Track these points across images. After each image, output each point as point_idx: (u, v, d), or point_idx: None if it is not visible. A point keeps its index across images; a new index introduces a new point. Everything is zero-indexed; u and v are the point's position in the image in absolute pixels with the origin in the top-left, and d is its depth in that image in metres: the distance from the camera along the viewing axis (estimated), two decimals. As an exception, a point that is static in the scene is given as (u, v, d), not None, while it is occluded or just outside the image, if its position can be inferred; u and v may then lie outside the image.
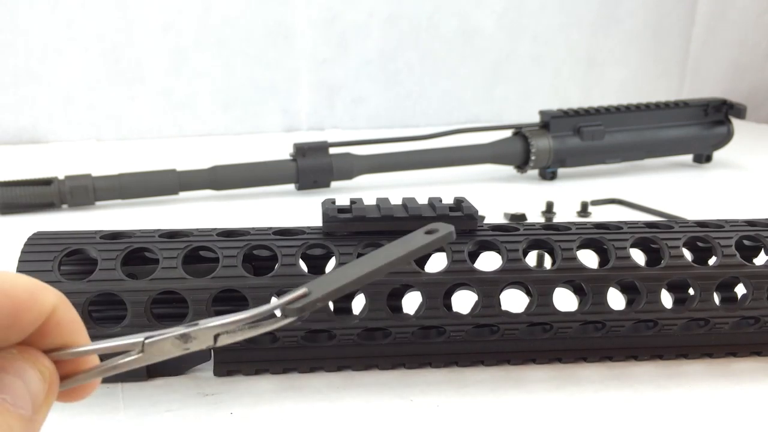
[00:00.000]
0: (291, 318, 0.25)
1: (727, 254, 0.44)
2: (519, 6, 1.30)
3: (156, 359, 0.25)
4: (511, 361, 0.45)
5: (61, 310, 0.24)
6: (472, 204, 0.44)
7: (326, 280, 0.26)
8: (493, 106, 1.34)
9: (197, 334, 0.25)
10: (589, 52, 1.37)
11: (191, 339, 0.25)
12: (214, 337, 0.25)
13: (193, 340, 0.25)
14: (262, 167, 0.85)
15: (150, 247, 0.41)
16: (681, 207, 0.79)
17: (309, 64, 1.24)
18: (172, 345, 0.25)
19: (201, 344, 0.25)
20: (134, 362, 0.25)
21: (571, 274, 0.42)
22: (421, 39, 1.28)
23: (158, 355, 0.25)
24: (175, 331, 0.25)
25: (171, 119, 1.19)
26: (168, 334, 0.25)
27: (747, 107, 0.98)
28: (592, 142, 0.93)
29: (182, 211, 0.80)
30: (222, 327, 0.25)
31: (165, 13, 1.15)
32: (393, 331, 0.42)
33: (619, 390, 0.43)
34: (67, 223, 0.72)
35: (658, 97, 1.11)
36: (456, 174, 0.93)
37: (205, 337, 0.25)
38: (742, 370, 0.46)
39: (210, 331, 0.25)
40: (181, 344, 0.25)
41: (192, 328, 0.25)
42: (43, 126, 1.14)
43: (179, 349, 0.25)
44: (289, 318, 0.25)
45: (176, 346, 0.25)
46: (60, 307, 0.24)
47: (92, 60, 1.13)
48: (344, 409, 0.40)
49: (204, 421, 0.39)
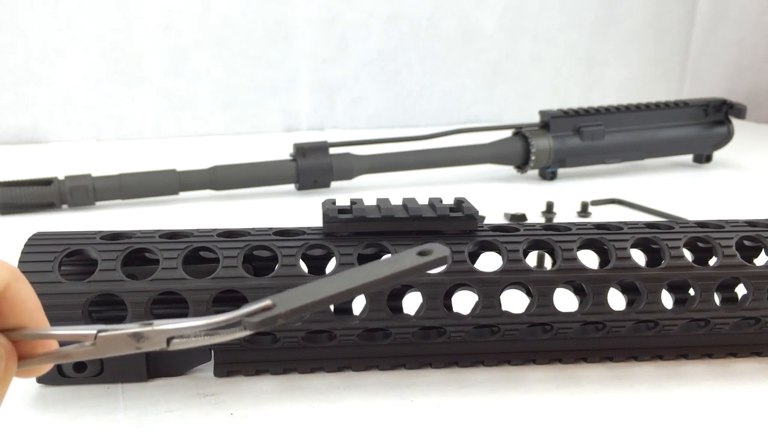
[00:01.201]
0: (249, 331, 0.25)
1: (727, 255, 0.44)
2: (519, 6, 1.30)
3: (108, 354, 0.25)
4: (511, 361, 0.45)
5: (14, 287, 0.24)
6: (472, 204, 0.44)
7: (297, 294, 0.25)
8: (493, 106, 1.34)
9: (150, 335, 0.25)
10: (589, 52, 1.37)
11: (144, 339, 0.25)
12: (167, 339, 0.25)
13: (146, 340, 0.25)
14: (262, 167, 0.85)
15: (150, 247, 0.41)
16: (681, 207, 0.79)
17: (309, 64, 1.24)
18: (124, 342, 0.25)
19: (153, 345, 0.25)
20: (86, 353, 0.25)
21: (571, 274, 0.42)
22: (421, 39, 1.28)
23: (110, 350, 0.25)
24: (128, 329, 0.25)
25: (171, 119, 1.19)
26: (121, 331, 0.25)
27: (747, 107, 0.99)
28: (592, 142, 0.93)
29: (182, 211, 0.80)
30: (176, 331, 0.25)
31: (165, 13, 1.15)
32: (393, 332, 0.42)
33: (619, 390, 0.43)
34: (67, 223, 0.72)
35: (658, 97, 1.11)
36: (456, 174, 0.93)
37: (158, 338, 0.25)
38: (743, 371, 0.46)
39: (163, 333, 0.25)
40: (133, 343, 0.25)
41: (146, 328, 0.25)
42: (43, 126, 1.14)
43: (131, 347, 0.25)
44: (248, 331, 0.25)
45: (128, 344, 0.25)
46: (12, 285, 0.24)
47: (92, 60, 1.13)
48: (344, 410, 0.40)
49: (204, 422, 0.39)
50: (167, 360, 0.43)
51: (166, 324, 0.25)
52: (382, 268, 0.26)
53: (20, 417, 0.39)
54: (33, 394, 0.41)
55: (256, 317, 0.24)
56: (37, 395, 0.41)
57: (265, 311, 0.25)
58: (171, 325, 0.25)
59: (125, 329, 0.25)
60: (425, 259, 0.25)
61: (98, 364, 0.42)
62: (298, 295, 0.25)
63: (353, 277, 0.25)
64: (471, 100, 1.33)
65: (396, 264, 0.26)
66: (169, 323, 0.25)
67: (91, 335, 0.25)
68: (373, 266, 0.26)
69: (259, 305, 0.25)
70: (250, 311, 0.25)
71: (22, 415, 0.39)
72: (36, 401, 0.41)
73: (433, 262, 0.26)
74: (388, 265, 0.26)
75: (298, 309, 0.25)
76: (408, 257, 0.26)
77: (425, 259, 0.25)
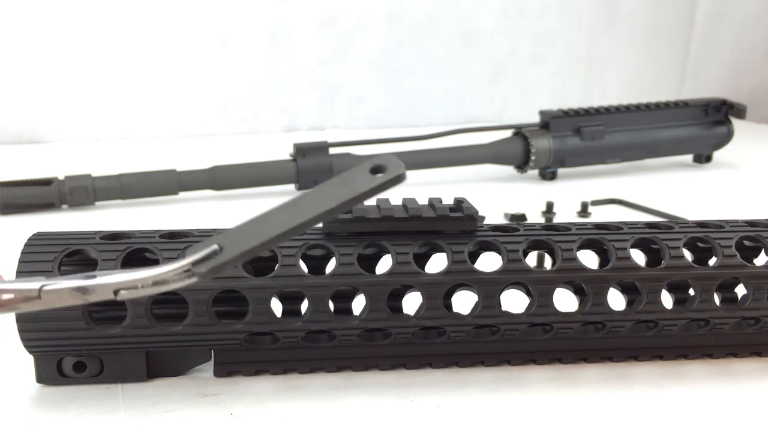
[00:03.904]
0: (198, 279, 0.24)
1: (727, 255, 0.44)
2: (519, 6, 1.31)
3: (54, 305, 0.25)
4: (511, 361, 0.45)
5: None
6: (472, 204, 0.44)
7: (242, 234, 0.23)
8: (493, 106, 1.34)
9: (96, 288, 0.25)
10: (589, 52, 1.37)
11: (89, 291, 0.25)
12: (113, 291, 0.25)
13: (92, 293, 0.25)
14: (262, 167, 0.85)
15: (150, 247, 0.41)
16: (681, 207, 0.79)
17: (309, 64, 1.24)
18: (69, 295, 0.25)
19: (100, 296, 0.25)
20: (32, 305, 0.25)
21: (571, 274, 0.42)
22: (421, 39, 1.28)
23: (57, 302, 0.25)
24: (73, 282, 0.25)
25: (171, 119, 1.19)
26: (66, 284, 0.25)
27: (747, 107, 0.99)
28: (592, 142, 0.93)
29: (182, 211, 0.80)
30: (123, 283, 0.24)
31: (164, 13, 1.15)
32: (393, 332, 0.42)
33: (619, 390, 0.43)
34: (67, 223, 0.72)
35: (658, 97, 1.11)
36: (456, 174, 0.93)
37: (104, 291, 0.25)
38: (743, 371, 0.46)
39: (109, 286, 0.24)
40: (79, 295, 0.25)
41: (90, 281, 0.25)
42: (43, 126, 1.14)
43: (78, 299, 0.25)
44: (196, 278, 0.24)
45: (74, 297, 0.25)
46: None
47: (92, 60, 1.13)
48: (344, 410, 0.40)
49: (204, 422, 0.39)
50: (167, 360, 0.43)
51: (111, 275, 0.24)
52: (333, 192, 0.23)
53: (20, 417, 0.39)
54: (33, 394, 0.41)
55: (204, 265, 0.23)
56: (37, 395, 0.41)
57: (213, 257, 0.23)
58: (116, 276, 0.24)
59: (70, 282, 0.25)
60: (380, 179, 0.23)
61: (98, 364, 0.42)
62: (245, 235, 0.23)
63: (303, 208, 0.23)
64: (471, 100, 1.33)
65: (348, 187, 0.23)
66: (115, 274, 0.24)
67: (35, 289, 0.25)
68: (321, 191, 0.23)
69: (206, 251, 0.23)
70: (197, 258, 0.23)
71: (22, 415, 0.39)
72: (36, 401, 0.40)
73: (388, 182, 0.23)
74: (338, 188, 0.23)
75: (248, 252, 0.23)
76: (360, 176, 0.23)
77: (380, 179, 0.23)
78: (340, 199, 0.22)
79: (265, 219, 0.23)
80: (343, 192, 0.22)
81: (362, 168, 0.23)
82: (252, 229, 0.23)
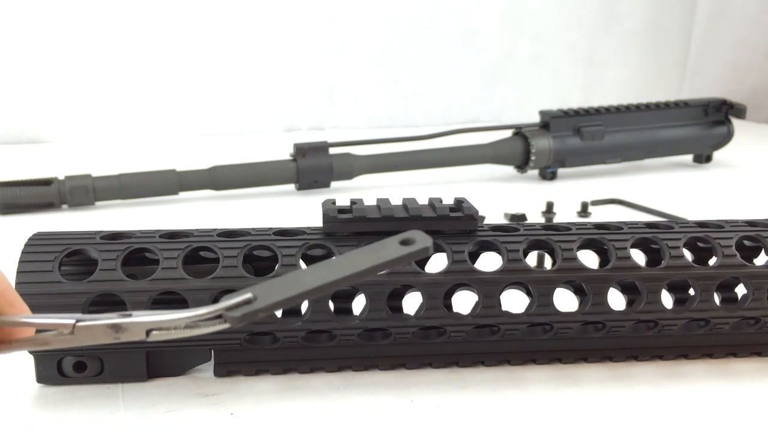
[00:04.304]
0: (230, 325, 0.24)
1: (727, 254, 0.44)
2: (519, 6, 1.31)
3: (86, 343, 0.25)
4: (511, 361, 0.45)
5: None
6: (472, 204, 0.44)
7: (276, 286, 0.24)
8: (493, 106, 1.34)
9: (129, 326, 0.25)
10: (589, 52, 1.37)
11: (122, 330, 0.25)
12: (146, 331, 0.25)
13: (125, 332, 0.25)
14: (262, 167, 0.85)
15: (150, 247, 0.41)
16: (681, 207, 0.79)
17: (309, 64, 1.24)
18: (103, 333, 0.25)
19: (132, 336, 0.25)
20: (64, 341, 0.25)
21: (571, 274, 0.42)
22: (421, 39, 1.28)
23: (88, 340, 0.25)
24: (107, 319, 0.25)
25: (171, 119, 1.19)
26: (100, 321, 0.25)
27: (747, 107, 0.99)
28: (592, 142, 0.93)
29: (182, 211, 0.80)
30: (156, 323, 0.25)
31: (164, 13, 1.15)
32: (393, 332, 0.42)
33: (619, 390, 0.43)
34: (67, 223, 0.72)
35: (658, 97, 1.11)
36: (456, 174, 0.93)
37: (137, 330, 0.25)
38: (743, 371, 0.46)
39: (142, 325, 0.25)
40: (112, 333, 0.25)
41: (124, 320, 0.25)
42: (44, 126, 1.14)
43: (110, 337, 0.25)
44: (228, 324, 0.24)
45: (107, 335, 0.25)
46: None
47: (93, 60, 1.13)
48: (344, 410, 0.40)
49: (204, 422, 0.39)
50: (167, 360, 0.43)
51: (145, 316, 0.25)
52: (365, 258, 0.25)
53: (20, 417, 0.39)
54: (33, 394, 0.41)
55: (237, 311, 0.24)
56: (37, 395, 0.41)
57: (246, 305, 0.24)
58: (150, 317, 0.25)
59: (104, 320, 0.25)
60: (408, 249, 0.25)
61: (98, 364, 0.42)
62: (278, 287, 0.24)
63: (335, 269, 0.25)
64: (471, 100, 1.33)
65: (379, 254, 0.25)
66: (149, 315, 0.25)
67: (69, 324, 0.25)
68: (354, 256, 0.25)
69: (240, 298, 0.24)
70: (231, 305, 0.24)
71: (22, 415, 0.39)
72: (36, 401, 0.41)
73: (416, 253, 0.25)
74: (370, 255, 0.25)
75: (279, 303, 0.24)
76: (391, 246, 0.25)
77: (408, 249, 0.25)
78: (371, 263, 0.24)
79: (299, 276, 0.25)
80: (374, 258, 0.25)
81: (393, 239, 0.25)
82: (286, 282, 0.25)
